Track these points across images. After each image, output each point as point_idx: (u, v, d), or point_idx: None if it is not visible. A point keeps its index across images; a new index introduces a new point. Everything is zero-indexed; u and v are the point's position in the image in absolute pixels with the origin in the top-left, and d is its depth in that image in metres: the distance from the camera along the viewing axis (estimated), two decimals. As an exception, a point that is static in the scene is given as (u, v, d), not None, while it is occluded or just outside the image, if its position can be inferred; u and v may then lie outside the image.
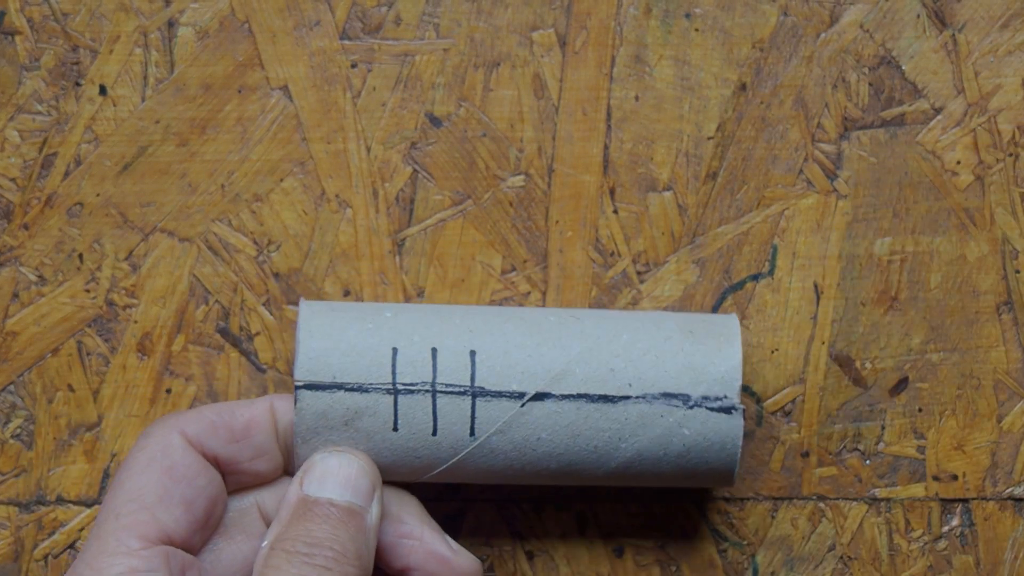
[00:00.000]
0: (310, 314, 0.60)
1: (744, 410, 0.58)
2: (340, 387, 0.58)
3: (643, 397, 0.58)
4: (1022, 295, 0.67)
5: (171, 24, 0.66)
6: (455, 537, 0.67)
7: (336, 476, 0.58)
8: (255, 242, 0.67)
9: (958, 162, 0.67)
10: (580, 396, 0.58)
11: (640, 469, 0.60)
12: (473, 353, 0.59)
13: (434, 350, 0.59)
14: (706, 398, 0.59)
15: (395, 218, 0.67)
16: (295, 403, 0.59)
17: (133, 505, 0.58)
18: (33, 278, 0.66)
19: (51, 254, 0.67)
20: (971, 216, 0.67)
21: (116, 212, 0.67)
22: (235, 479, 0.61)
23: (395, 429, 0.59)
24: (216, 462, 0.60)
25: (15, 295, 0.66)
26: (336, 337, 0.59)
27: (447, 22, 0.67)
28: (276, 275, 0.67)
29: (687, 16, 0.67)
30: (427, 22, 0.67)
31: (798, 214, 0.67)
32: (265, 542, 0.58)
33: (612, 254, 0.67)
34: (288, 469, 0.61)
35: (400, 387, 0.58)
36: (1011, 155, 0.67)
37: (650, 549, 0.67)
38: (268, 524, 0.61)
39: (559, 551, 0.67)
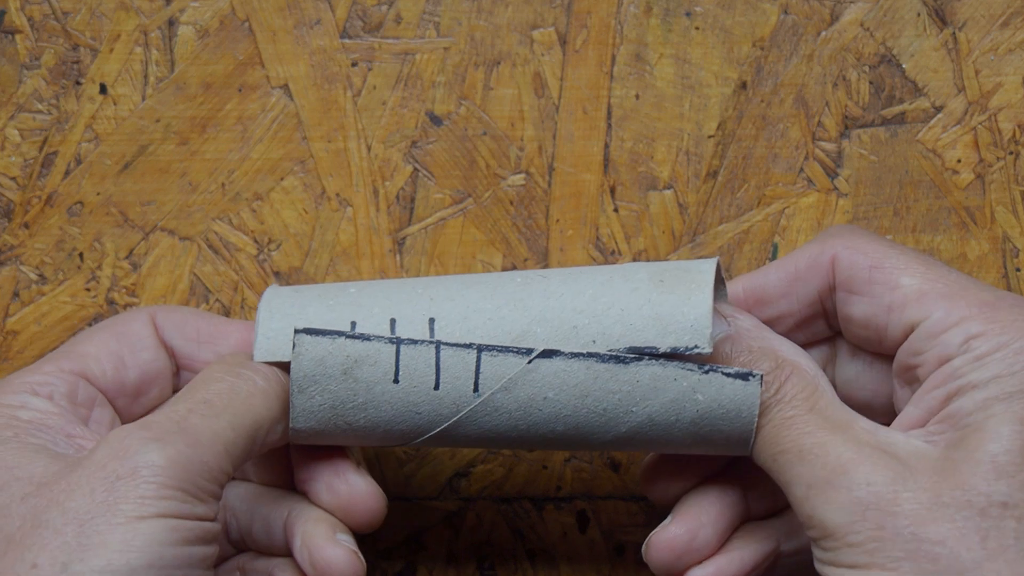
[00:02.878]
0: (272, 295, 0.59)
1: (761, 376, 0.56)
2: (340, 333, 0.57)
3: (656, 360, 0.56)
4: (1023, 293, 0.67)
5: (171, 23, 0.67)
6: (455, 537, 0.67)
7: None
8: (256, 241, 0.67)
9: (958, 160, 0.67)
10: (590, 355, 0.56)
11: (651, 435, 0.57)
12: (432, 320, 0.57)
13: (392, 320, 0.57)
14: (675, 348, 0.56)
15: (396, 217, 0.67)
16: (292, 348, 0.57)
17: (68, 348, 0.59)
18: (34, 277, 0.66)
19: (52, 253, 0.67)
20: (971, 214, 0.67)
21: (117, 211, 0.67)
22: (190, 377, 0.60)
23: (396, 381, 0.57)
24: (172, 353, 0.60)
25: (16, 294, 0.66)
26: (295, 316, 0.58)
27: (447, 21, 0.67)
28: (277, 274, 0.67)
29: (687, 15, 0.67)
30: (427, 21, 0.67)
31: (799, 213, 0.67)
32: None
33: (613, 253, 0.67)
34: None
35: (402, 337, 0.57)
36: (1011, 153, 0.67)
37: (651, 548, 0.67)
38: None
39: (560, 550, 0.67)
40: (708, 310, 0.56)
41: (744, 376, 0.56)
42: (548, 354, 0.56)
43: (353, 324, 0.57)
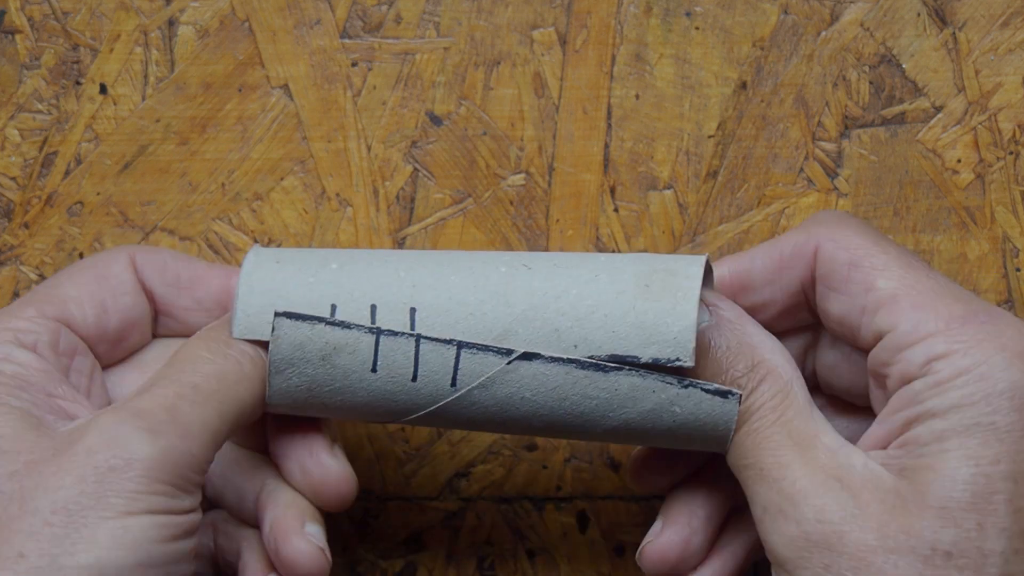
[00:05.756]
0: (253, 266, 0.58)
1: (740, 395, 0.56)
2: (321, 320, 0.56)
3: (636, 371, 0.56)
4: (1022, 294, 0.67)
5: (171, 23, 0.67)
6: (455, 537, 0.67)
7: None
8: (256, 241, 0.67)
9: (959, 160, 0.67)
10: (570, 361, 0.56)
11: (626, 437, 0.57)
12: (413, 311, 0.57)
13: (373, 307, 0.57)
14: (657, 360, 0.55)
15: (396, 217, 0.67)
16: (272, 331, 0.57)
17: (51, 291, 0.58)
18: (34, 277, 0.67)
19: (52, 253, 0.67)
20: (972, 215, 0.67)
21: (117, 211, 0.67)
22: (168, 323, 0.61)
23: (374, 370, 0.57)
24: (151, 298, 0.60)
25: (15, 294, 0.66)
26: (275, 294, 0.57)
27: (447, 21, 0.67)
28: (276, 274, 0.67)
29: (687, 14, 0.67)
30: (427, 21, 0.67)
31: (799, 212, 0.67)
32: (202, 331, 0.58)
33: (613, 252, 0.67)
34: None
35: (383, 328, 0.56)
36: (1012, 153, 0.67)
37: (651, 548, 0.67)
38: None
39: (560, 550, 0.67)
40: (692, 323, 0.55)
41: (723, 394, 0.56)
42: (528, 356, 0.56)
43: (333, 308, 0.57)
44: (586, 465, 0.67)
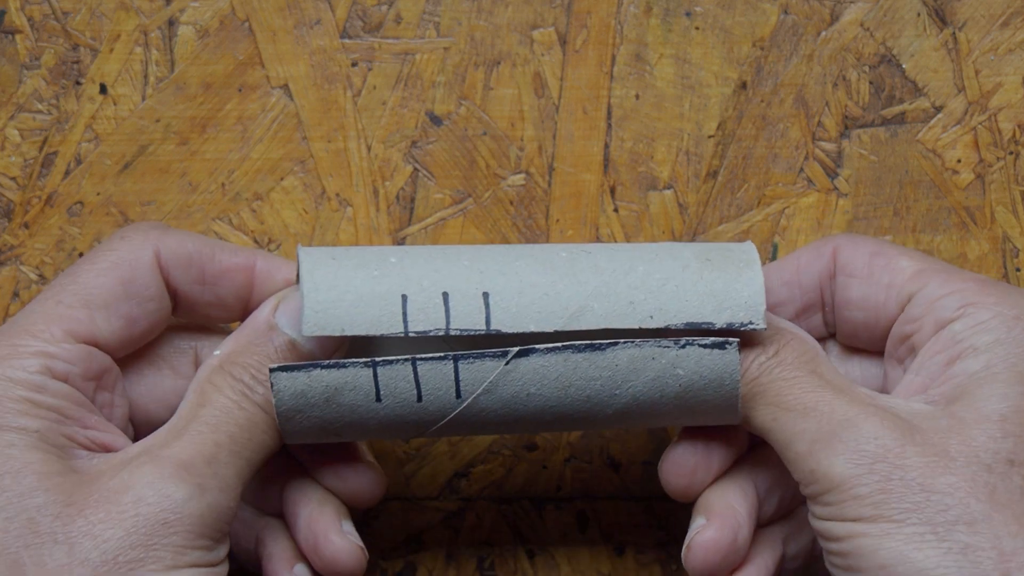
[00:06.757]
0: (311, 264, 0.57)
1: (738, 342, 0.56)
2: (315, 366, 0.56)
3: (632, 341, 0.56)
4: (1023, 293, 0.67)
5: (171, 23, 0.67)
6: (455, 537, 0.67)
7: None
8: (256, 241, 0.67)
9: (959, 160, 0.67)
10: (566, 347, 0.56)
11: (638, 413, 0.57)
12: (486, 295, 0.56)
13: (445, 294, 0.56)
14: (731, 324, 0.56)
15: (396, 217, 0.67)
16: (271, 386, 0.56)
17: (77, 299, 0.57)
18: (34, 277, 0.66)
19: (52, 253, 0.67)
20: (972, 214, 0.67)
21: (117, 211, 0.67)
22: (185, 314, 0.60)
23: (378, 400, 0.56)
24: (175, 294, 0.59)
25: (15, 294, 0.66)
26: (343, 288, 0.56)
27: (447, 21, 0.67)
28: (276, 274, 0.67)
29: (687, 15, 0.67)
30: (427, 21, 0.67)
31: (799, 212, 0.67)
32: (217, 352, 0.57)
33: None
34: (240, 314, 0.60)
35: (378, 359, 0.56)
36: (1011, 153, 0.67)
37: (650, 548, 0.67)
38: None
39: (560, 550, 0.67)
40: (761, 287, 0.56)
41: (721, 345, 0.56)
42: (524, 352, 0.56)
43: (404, 298, 0.56)
44: (586, 465, 0.67)
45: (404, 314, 0.56)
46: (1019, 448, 0.53)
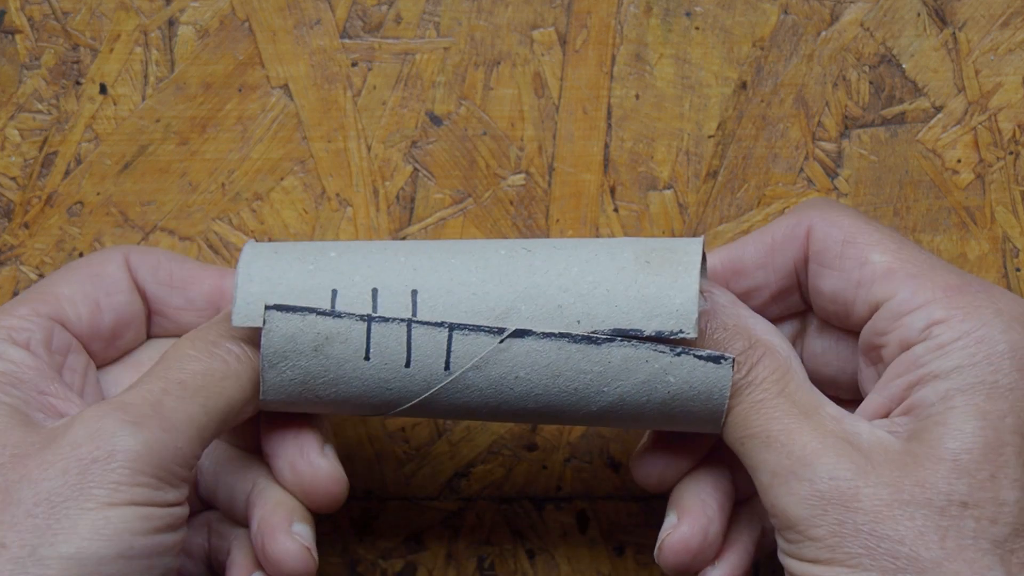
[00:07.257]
0: (251, 256, 0.58)
1: (733, 359, 0.56)
2: (311, 311, 0.56)
3: (628, 341, 0.56)
4: (1022, 293, 0.67)
5: (171, 23, 0.67)
6: (455, 537, 0.67)
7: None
8: (256, 241, 0.67)
9: (959, 160, 0.67)
10: (562, 336, 0.56)
11: (622, 413, 0.57)
12: (415, 292, 0.56)
13: (374, 290, 0.57)
14: (660, 332, 0.55)
15: (396, 217, 0.67)
16: (263, 324, 0.56)
17: (44, 290, 0.59)
18: (33, 277, 0.67)
19: (52, 253, 0.67)
20: (972, 215, 0.67)
21: (116, 211, 0.67)
22: (162, 322, 0.61)
23: (367, 358, 0.56)
24: (145, 297, 0.61)
25: (15, 294, 0.66)
26: (275, 281, 0.57)
27: (447, 21, 0.67)
28: (276, 274, 0.67)
29: (687, 14, 0.67)
30: (427, 21, 0.67)
31: (799, 213, 0.67)
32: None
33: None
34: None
35: (374, 315, 0.56)
36: (1012, 153, 0.67)
37: (650, 548, 0.67)
38: None
39: (560, 550, 0.67)
40: (695, 294, 0.56)
41: (716, 359, 0.56)
42: (520, 333, 0.56)
43: (334, 292, 0.57)
44: (586, 465, 0.67)
45: (333, 308, 0.56)
46: (973, 490, 0.53)
